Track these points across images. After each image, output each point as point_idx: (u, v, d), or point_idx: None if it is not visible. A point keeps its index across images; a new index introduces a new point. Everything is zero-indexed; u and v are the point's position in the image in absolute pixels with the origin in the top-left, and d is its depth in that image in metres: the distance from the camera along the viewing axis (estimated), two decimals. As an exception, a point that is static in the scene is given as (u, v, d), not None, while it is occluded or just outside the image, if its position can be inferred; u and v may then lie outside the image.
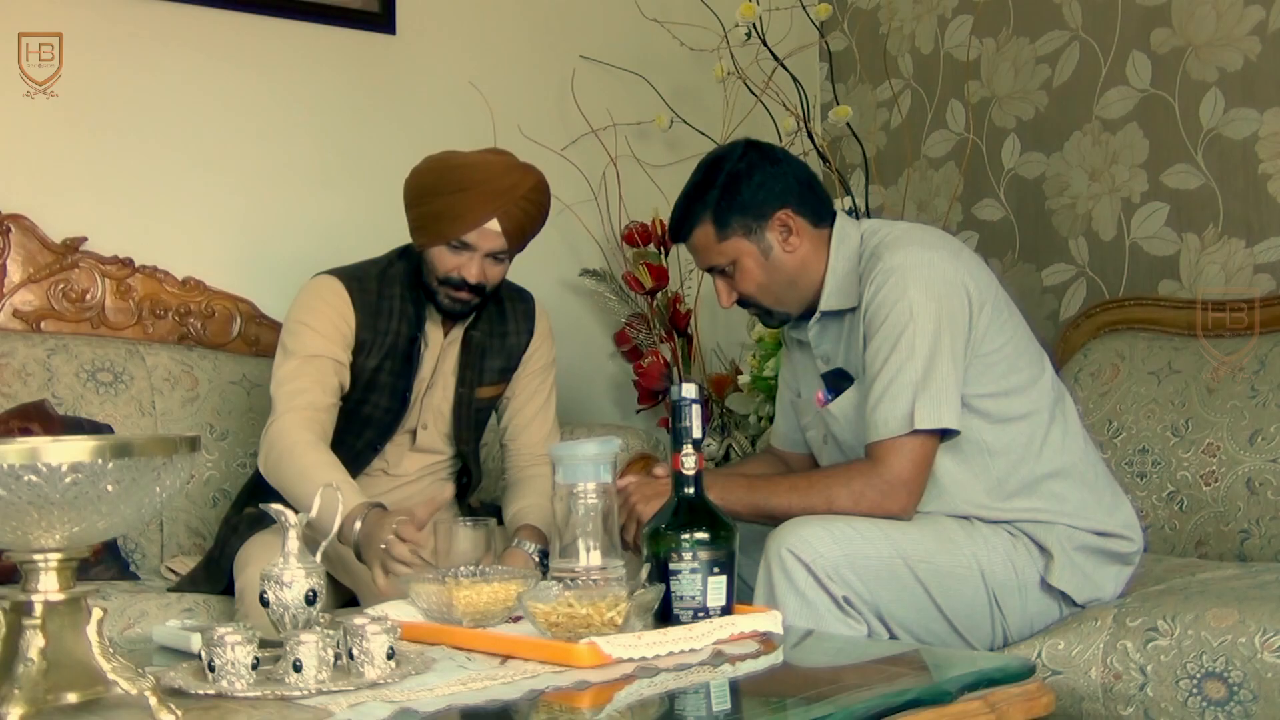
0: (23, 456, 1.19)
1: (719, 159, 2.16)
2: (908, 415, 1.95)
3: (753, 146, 2.16)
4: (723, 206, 2.10)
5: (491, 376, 2.43)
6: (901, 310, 1.98)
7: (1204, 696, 1.84)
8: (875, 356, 2.00)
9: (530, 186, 2.26)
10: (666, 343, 3.33)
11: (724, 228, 2.10)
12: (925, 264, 2.01)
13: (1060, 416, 2.11)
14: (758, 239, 2.11)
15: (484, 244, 2.24)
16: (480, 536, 1.90)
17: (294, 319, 2.30)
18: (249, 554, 2.18)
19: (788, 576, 1.86)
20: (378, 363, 2.32)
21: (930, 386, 1.95)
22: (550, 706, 1.41)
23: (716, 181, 2.11)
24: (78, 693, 1.26)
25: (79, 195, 2.76)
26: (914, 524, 1.98)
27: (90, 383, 2.63)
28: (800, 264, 2.12)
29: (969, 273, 2.05)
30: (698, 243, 2.15)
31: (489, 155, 2.31)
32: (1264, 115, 2.81)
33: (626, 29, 3.41)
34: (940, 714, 1.40)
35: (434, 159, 2.30)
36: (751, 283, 2.13)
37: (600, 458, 1.78)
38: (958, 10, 3.40)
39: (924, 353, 1.96)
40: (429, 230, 2.26)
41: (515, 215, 2.24)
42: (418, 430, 2.38)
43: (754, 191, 2.10)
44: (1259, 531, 2.44)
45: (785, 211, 2.10)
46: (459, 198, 2.22)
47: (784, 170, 2.13)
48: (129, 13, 2.81)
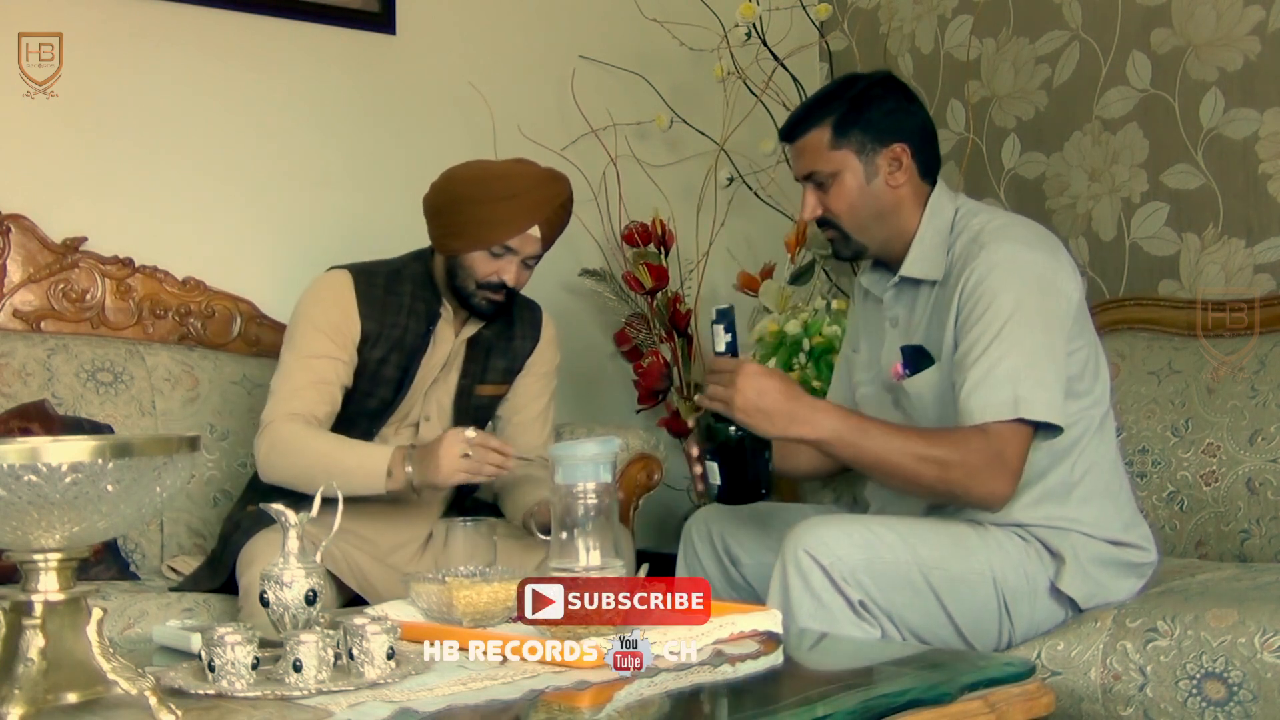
0: (23, 456, 1.19)
1: (856, 78, 2.18)
2: (1012, 401, 1.91)
3: (892, 78, 2.20)
4: (847, 118, 2.09)
5: (495, 376, 2.48)
6: (1005, 302, 1.96)
7: (1204, 697, 1.84)
8: (974, 343, 1.96)
9: (567, 196, 2.40)
10: (666, 343, 3.33)
11: (841, 136, 2.09)
12: (1030, 263, 2.00)
13: (1102, 430, 2.10)
14: (868, 160, 2.10)
15: (525, 249, 2.34)
16: (480, 536, 1.90)
17: (300, 314, 2.38)
18: (254, 552, 2.19)
19: (804, 578, 1.85)
20: (383, 355, 2.37)
21: (1033, 379, 1.92)
22: (550, 706, 1.41)
23: (847, 95, 2.11)
24: (78, 693, 1.26)
25: (79, 195, 2.76)
26: (929, 528, 1.97)
27: (90, 383, 2.63)
28: (896, 203, 2.11)
29: (1068, 274, 2.05)
30: (808, 144, 2.12)
31: (524, 165, 2.42)
32: (1264, 115, 2.81)
33: (626, 29, 3.41)
34: (940, 714, 1.41)
35: (468, 168, 2.39)
36: (844, 201, 2.11)
37: (600, 458, 1.77)
38: (958, 10, 3.40)
39: (1028, 346, 1.94)
40: (468, 236, 2.33)
41: (554, 222, 2.37)
42: (421, 423, 2.42)
43: (882, 116, 2.10)
44: (1259, 531, 2.44)
45: (902, 146, 2.10)
46: (505, 205, 2.31)
47: (915, 111, 2.16)
48: (129, 13, 2.81)
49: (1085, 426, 2.06)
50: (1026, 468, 1.97)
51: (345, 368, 2.34)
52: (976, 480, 1.90)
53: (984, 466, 1.89)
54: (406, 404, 2.40)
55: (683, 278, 3.39)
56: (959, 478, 1.89)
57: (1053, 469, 2.04)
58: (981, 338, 1.96)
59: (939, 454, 1.90)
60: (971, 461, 1.89)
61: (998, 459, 1.90)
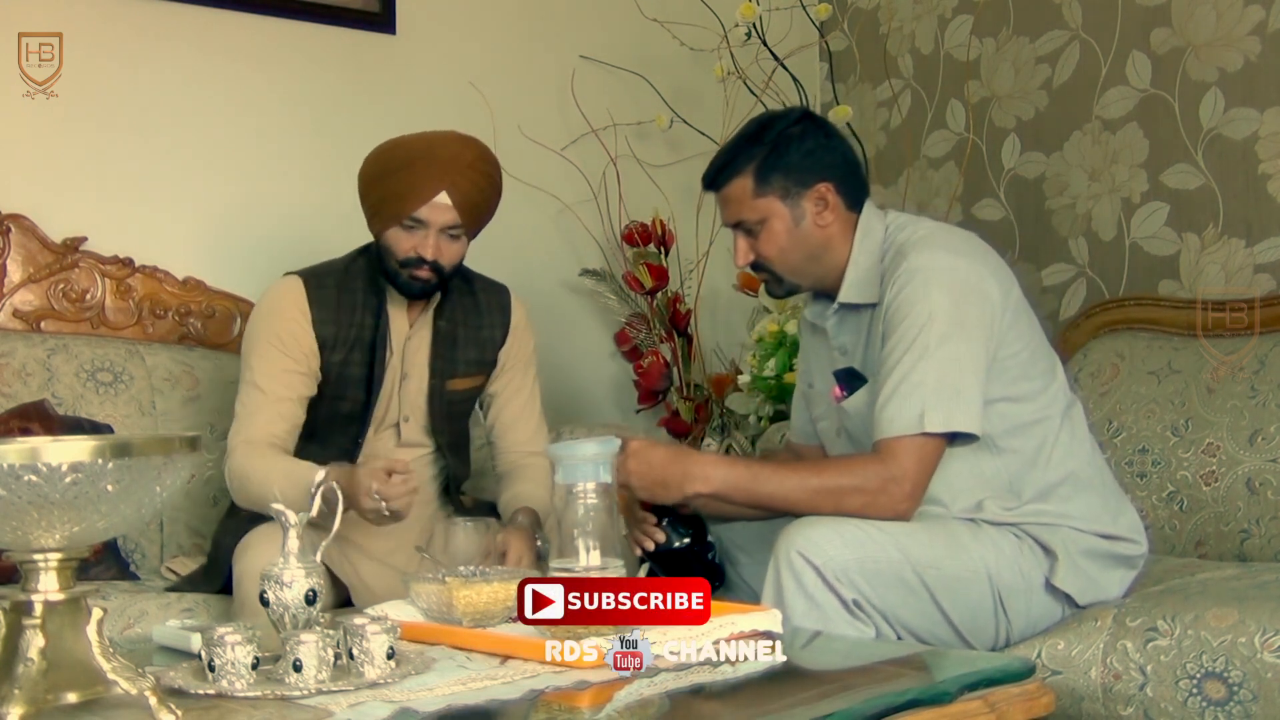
0: (23, 456, 1.19)
1: (773, 119, 2.16)
2: (918, 415, 1.93)
3: (809, 116, 2.18)
4: (768, 163, 2.08)
5: (466, 369, 2.43)
6: (920, 312, 1.97)
7: (1204, 696, 1.84)
8: (889, 355, 1.98)
9: (475, 156, 2.28)
10: (666, 343, 3.33)
11: (763, 184, 2.08)
12: (949, 268, 2.00)
13: (1069, 423, 2.10)
14: (793, 204, 2.09)
15: (436, 219, 2.25)
16: (480, 536, 1.90)
17: (252, 330, 2.34)
18: (248, 541, 2.18)
19: (796, 578, 1.86)
20: (344, 356, 2.33)
21: (943, 389, 1.94)
22: (550, 706, 1.41)
23: (765, 139, 2.09)
24: (78, 693, 1.26)
25: (79, 195, 2.76)
26: (922, 528, 1.97)
27: (90, 383, 2.63)
28: (826, 241, 2.11)
29: (994, 278, 2.04)
30: (732, 194, 2.12)
31: (428, 134, 2.33)
32: (1264, 115, 2.81)
33: (626, 29, 3.41)
34: (940, 714, 1.41)
35: (379, 146, 2.33)
36: (774, 246, 2.11)
37: (600, 458, 1.77)
38: (958, 10, 3.40)
39: (939, 355, 1.95)
40: (382, 214, 2.28)
41: (464, 187, 2.25)
42: (400, 424, 2.39)
43: (802, 157, 2.09)
44: (1259, 531, 2.44)
45: (827, 185, 2.09)
46: (404, 175, 2.24)
47: (835, 145, 2.14)
48: (129, 13, 2.81)
49: (1047, 429, 2.07)
50: (1005, 478, 2.02)
51: (302, 378, 2.30)
52: (875, 505, 1.92)
53: (879, 490, 1.92)
54: (381, 405, 2.36)
55: (683, 278, 3.39)
56: (857, 504, 1.92)
57: (1029, 475, 2.04)
58: (895, 349, 1.98)
59: (832, 484, 1.94)
60: (867, 486, 1.92)
61: (893, 481, 1.93)
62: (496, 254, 3.24)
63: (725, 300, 3.54)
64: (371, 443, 2.37)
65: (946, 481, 2.01)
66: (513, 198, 3.26)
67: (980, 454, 2.02)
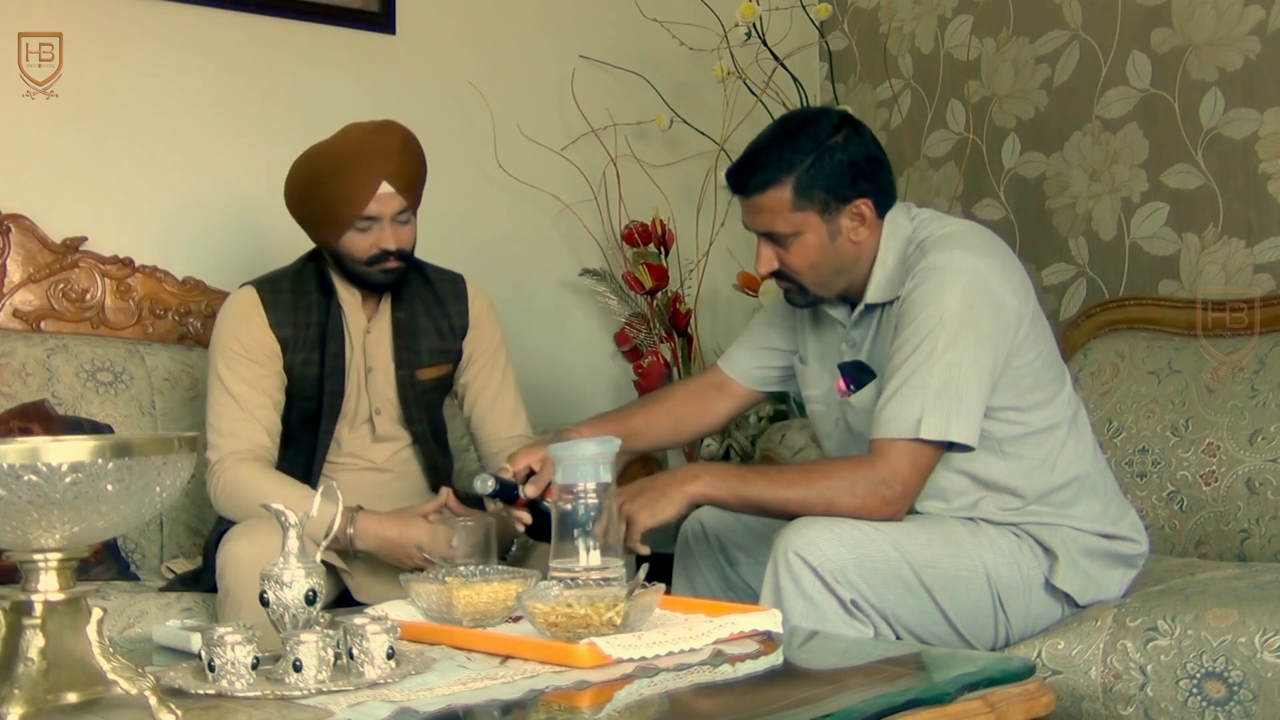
0: (23, 456, 1.19)
1: (809, 121, 2.04)
2: (916, 420, 1.90)
3: (848, 121, 2.06)
4: (809, 175, 1.99)
5: (431, 358, 2.43)
6: (932, 313, 1.93)
7: (1204, 696, 1.84)
8: (897, 353, 1.96)
9: (400, 139, 2.29)
10: (666, 343, 3.33)
11: (802, 198, 1.99)
12: (969, 270, 1.95)
13: (1076, 429, 2.09)
14: (830, 219, 2.02)
15: (386, 209, 2.26)
16: (480, 536, 1.90)
17: (216, 343, 2.33)
18: (232, 533, 2.18)
19: (794, 579, 1.86)
20: (305, 356, 2.34)
21: (944, 396, 1.91)
22: (550, 706, 1.41)
23: (805, 147, 2.00)
24: (78, 693, 1.26)
25: (79, 195, 2.76)
26: (920, 527, 1.97)
27: (90, 383, 2.63)
28: (857, 254, 2.05)
29: (1010, 284, 2.00)
30: (766, 203, 2.01)
31: (346, 132, 2.32)
32: (1264, 115, 2.81)
33: (626, 29, 3.41)
34: (940, 714, 1.40)
35: (299, 161, 2.33)
36: (805, 260, 2.04)
37: (600, 458, 1.77)
38: (958, 10, 3.40)
39: (945, 360, 1.91)
40: (329, 223, 2.28)
41: (400, 171, 2.27)
42: (373, 418, 2.39)
43: (844, 170, 2.00)
44: (1259, 531, 2.44)
45: (865, 201, 2.03)
46: (339, 179, 2.25)
47: (874, 154, 2.05)
48: (129, 13, 2.81)
49: (1055, 436, 2.05)
50: (1010, 482, 2.01)
51: (274, 380, 2.32)
52: (866, 508, 1.91)
53: (868, 494, 1.91)
54: (350, 400, 2.37)
55: (683, 278, 3.39)
56: (849, 507, 1.91)
57: (1034, 480, 2.04)
58: (903, 348, 1.95)
59: (822, 485, 1.92)
60: (857, 490, 1.91)
61: (883, 484, 1.91)
62: (496, 254, 3.26)
63: (725, 300, 3.54)
64: (347, 440, 2.38)
65: (948, 480, 2.01)
66: (513, 198, 3.28)
67: (986, 458, 2.00)
